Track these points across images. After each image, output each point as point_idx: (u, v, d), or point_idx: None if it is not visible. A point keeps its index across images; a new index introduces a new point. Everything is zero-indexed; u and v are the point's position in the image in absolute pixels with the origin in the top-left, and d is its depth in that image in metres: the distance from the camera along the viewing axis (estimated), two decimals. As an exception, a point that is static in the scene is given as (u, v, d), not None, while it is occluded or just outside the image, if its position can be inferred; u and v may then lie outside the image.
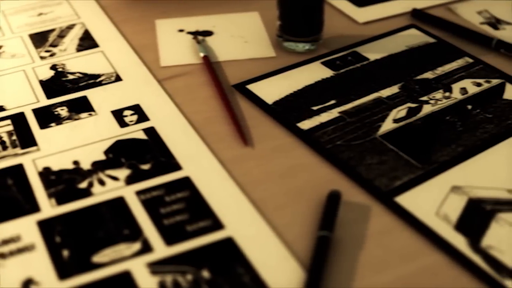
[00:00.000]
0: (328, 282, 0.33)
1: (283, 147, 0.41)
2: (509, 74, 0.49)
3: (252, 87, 0.46)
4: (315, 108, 0.44)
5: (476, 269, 0.34)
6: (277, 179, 0.39)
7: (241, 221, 0.36)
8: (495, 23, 0.54)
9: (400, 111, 0.44)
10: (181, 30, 0.52)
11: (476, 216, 0.36)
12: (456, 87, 0.47)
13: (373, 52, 0.49)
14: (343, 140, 0.41)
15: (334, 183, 0.38)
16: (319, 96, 0.45)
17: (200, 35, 0.51)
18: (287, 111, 0.43)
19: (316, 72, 0.47)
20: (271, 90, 0.45)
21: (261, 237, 0.35)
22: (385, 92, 0.46)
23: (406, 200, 0.37)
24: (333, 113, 0.43)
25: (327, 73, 0.47)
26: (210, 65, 0.46)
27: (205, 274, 0.33)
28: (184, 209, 0.36)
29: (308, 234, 0.35)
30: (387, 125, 0.43)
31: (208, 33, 0.52)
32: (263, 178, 0.38)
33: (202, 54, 0.48)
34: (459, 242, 0.35)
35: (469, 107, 0.45)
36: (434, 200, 0.37)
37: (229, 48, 0.50)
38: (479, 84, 0.47)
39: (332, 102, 0.44)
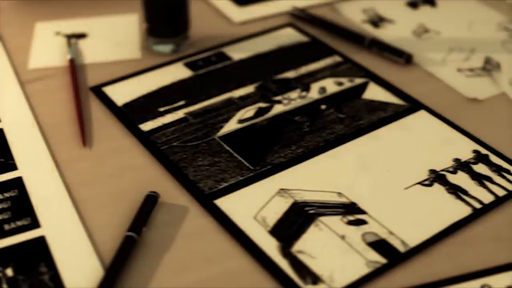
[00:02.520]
0: (125, 282, 0.34)
1: (120, 148, 0.43)
2: (376, 73, 0.50)
3: (108, 89, 0.48)
4: (162, 109, 0.46)
5: (280, 274, 0.35)
6: (105, 180, 0.41)
7: (57, 221, 0.38)
8: (377, 21, 0.56)
9: (248, 112, 0.46)
10: (58, 33, 0.54)
11: (297, 219, 0.38)
12: (315, 86, 0.48)
13: (240, 52, 0.51)
14: (180, 141, 0.43)
15: (160, 184, 0.40)
16: (169, 97, 0.47)
17: (74, 38, 0.54)
18: (134, 113, 0.45)
19: (175, 73, 0.49)
20: (126, 92, 0.47)
21: (72, 237, 0.37)
22: (239, 92, 0.48)
23: (227, 202, 0.39)
24: (179, 114, 0.45)
25: (186, 73, 0.49)
26: (72, 68, 0.49)
27: (9, 272, 0.35)
28: (7, 208, 0.38)
29: (120, 235, 0.37)
30: (230, 126, 0.44)
31: (82, 36, 0.54)
32: (92, 179, 0.41)
33: (68, 57, 0.51)
34: (270, 246, 0.36)
35: (323, 107, 0.46)
36: (257, 203, 0.39)
37: (98, 50, 0.52)
38: (340, 84, 0.49)
39: (181, 103, 0.46)
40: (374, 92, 0.47)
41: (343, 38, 0.52)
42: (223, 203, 0.38)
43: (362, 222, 0.37)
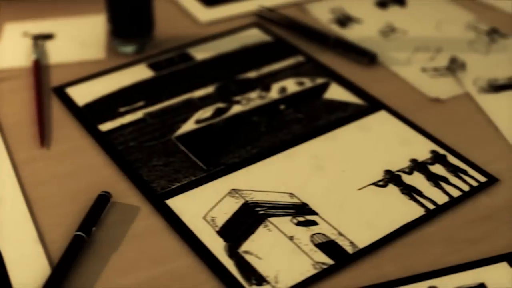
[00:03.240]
0: (72, 282, 0.35)
1: (77, 149, 0.43)
2: (338, 73, 0.50)
3: (71, 89, 0.48)
4: (122, 109, 0.46)
5: (225, 275, 0.35)
6: (60, 180, 0.41)
7: (9, 220, 0.38)
8: (344, 21, 0.56)
9: (206, 112, 0.46)
10: (26, 34, 0.55)
11: (246, 220, 0.37)
12: (276, 86, 0.48)
13: (204, 52, 0.51)
14: (137, 142, 0.43)
15: (115, 184, 0.40)
16: (130, 98, 0.47)
17: (41, 38, 0.54)
18: (94, 113, 0.46)
19: (138, 74, 0.49)
20: (88, 92, 0.48)
21: (22, 236, 0.37)
22: (199, 93, 0.48)
23: (178, 202, 0.39)
24: (138, 115, 0.45)
25: (148, 74, 0.49)
26: (36, 68, 0.49)
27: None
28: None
29: (71, 235, 0.37)
30: (188, 126, 0.44)
31: (49, 36, 0.54)
32: (47, 179, 0.41)
33: (33, 58, 0.51)
34: (217, 246, 0.36)
35: (282, 107, 0.46)
36: (208, 204, 0.38)
37: (64, 51, 0.53)
38: (301, 83, 0.49)
39: (141, 103, 0.46)
40: (335, 92, 0.47)
41: (308, 38, 0.52)
42: (174, 203, 0.38)
43: (312, 223, 0.37)
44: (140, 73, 0.49)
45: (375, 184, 0.39)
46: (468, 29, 0.55)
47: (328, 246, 0.36)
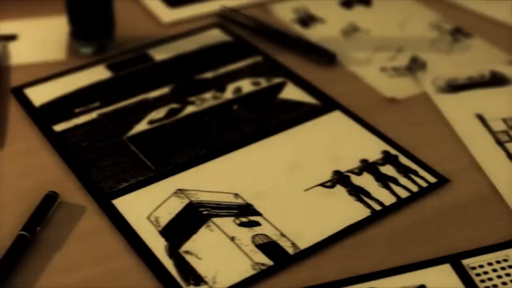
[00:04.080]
0: (14, 281, 0.34)
1: (30, 149, 0.43)
2: (296, 73, 0.49)
3: (29, 90, 0.48)
4: (77, 110, 0.46)
5: (163, 274, 0.35)
6: (10, 180, 0.41)
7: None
8: (307, 21, 0.56)
9: (160, 112, 0.46)
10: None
11: (189, 220, 0.37)
12: (231, 86, 0.48)
13: (163, 53, 0.51)
14: (90, 142, 0.43)
15: (64, 184, 0.40)
16: (86, 99, 0.47)
17: (3, 39, 0.54)
18: (50, 114, 0.46)
19: (96, 75, 0.49)
20: (46, 93, 0.48)
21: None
22: (154, 93, 0.47)
23: (124, 202, 0.39)
24: (92, 115, 0.45)
25: (106, 75, 0.49)
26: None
27: None
28: None
29: (16, 234, 0.37)
30: (140, 127, 0.44)
31: (12, 37, 0.54)
32: (-1, 179, 0.44)
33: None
34: (158, 246, 0.36)
35: (235, 107, 0.46)
36: (153, 203, 0.38)
37: (25, 52, 0.53)
38: (257, 84, 0.48)
39: (96, 104, 0.46)
40: (290, 92, 0.47)
41: (268, 38, 0.52)
42: (120, 203, 0.38)
43: (255, 224, 0.37)
44: (99, 74, 0.49)
45: (323, 185, 0.39)
46: (431, 28, 0.55)
47: (269, 247, 0.36)
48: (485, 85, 0.48)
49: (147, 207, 0.38)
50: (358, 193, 0.39)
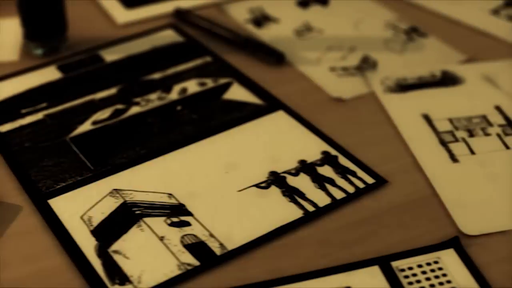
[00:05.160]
0: None
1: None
2: (244, 73, 0.49)
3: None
4: (24, 111, 0.46)
5: (90, 274, 0.35)
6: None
7: None
8: (261, 21, 0.55)
9: (104, 113, 0.46)
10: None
11: (121, 220, 0.37)
12: (177, 87, 0.48)
13: (114, 54, 0.51)
14: (32, 142, 0.43)
15: (4, 184, 0.40)
16: (34, 99, 0.47)
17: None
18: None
19: (46, 75, 0.50)
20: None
21: None
22: (101, 94, 0.48)
23: (59, 202, 0.39)
24: (38, 116, 0.46)
25: (56, 76, 0.50)
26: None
27: None
28: None
29: None
30: (84, 127, 0.45)
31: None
32: None
33: None
34: (88, 245, 0.36)
35: (179, 108, 0.46)
36: (88, 203, 0.39)
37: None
38: (203, 84, 0.49)
39: (43, 105, 0.47)
40: (236, 92, 0.47)
41: (220, 38, 0.52)
42: (56, 202, 0.39)
43: (185, 224, 0.37)
44: (49, 74, 0.50)
45: (257, 185, 0.39)
46: (387, 28, 0.54)
47: (197, 247, 0.36)
48: (435, 85, 0.48)
49: (81, 207, 0.39)
50: (292, 194, 0.39)
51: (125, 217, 0.38)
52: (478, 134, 0.43)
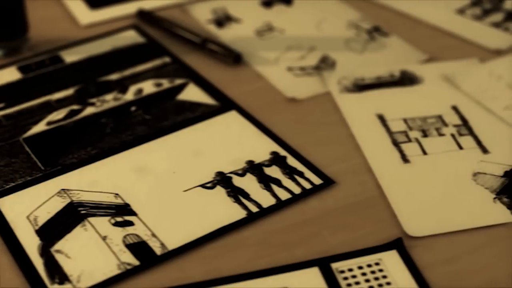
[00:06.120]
0: None
1: None
2: (200, 74, 0.49)
3: None
4: (-19, 112, 0.50)
5: (31, 273, 0.35)
6: None
7: None
8: (223, 21, 0.56)
9: (59, 114, 0.46)
10: None
11: (66, 219, 0.38)
12: (133, 88, 0.48)
13: (75, 55, 0.51)
14: (-14, 143, 0.47)
15: None
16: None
17: None
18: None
19: (6, 76, 0.50)
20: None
21: None
22: (58, 95, 0.48)
23: (7, 202, 0.39)
24: (-5, 117, 0.50)
25: (16, 76, 0.50)
26: None
27: None
28: None
29: None
30: (38, 128, 0.45)
31: None
32: None
33: None
34: (32, 245, 0.36)
35: (133, 108, 0.47)
36: (36, 203, 0.39)
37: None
38: (159, 85, 0.49)
39: (1, 105, 0.47)
40: (191, 93, 0.47)
41: (180, 39, 0.53)
42: (3, 202, 0.39)
43: (129, 224, 0.37)
44: (9, 75, 0.50)
45: (203, 185, 0.39)
46: (349, 27, 0.54)
47: (138, 247, 0.36)
48: (393, 84, 0.48)
49: (28, 207, 0.39)
50: (237, 194, 0.39)
51: (70, 217, 0.39)
52: (432, 134, 0.43)
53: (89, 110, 0.46)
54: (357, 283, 0.34)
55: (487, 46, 0.52)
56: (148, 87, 0.48)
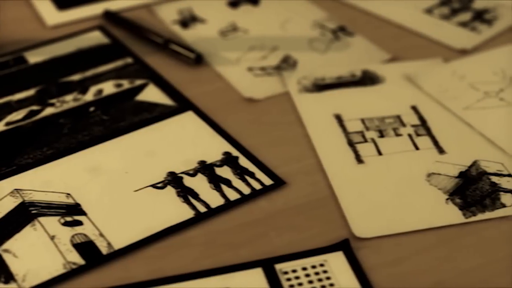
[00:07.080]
0: None
1: None
2: (161, 74, 0.49)
3: None
4: None
5: None
6: None
7: None
8: (188, 22, 0.56)
9: (19, 114, 0.47)
10: None
11: (17, 219, 0.38)
12: (94, 89, 0.49)
13: (39, 56, 0.52)
14: None
15: None
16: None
17: None
18: None
19: None
20: None
21: None
22: (19, 96, 0.49)
23: None
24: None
25: None
26: None
27: None
28: None
29: None
30: (-2, 128, 0.49)
31: None
32: None
33: None
34: None
35: (92, 109, 0.47)
36: None
37: None
38: (120, 85, 0.49)
39: None
40: (150, 93, 0.48)
41: (143, 39, 0.53)
42: None
43: (78, 223, 0.38)
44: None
45: (153, 185, 0.40)
46: (314, 27, 0.54)
47: (85, 247, 0.37)
48: (354, 84, 0.47)
49: (-18, 207, 0.42)
50: (186, 194, 0.39)
51: (20, 217, 0.39)
52: (389, 134, 0.43)
53: (49, 111, 0.47)
54: (300, 284, 0.35)
55: (453, 46, 0.52)
56: (108, 87, 0.49)
